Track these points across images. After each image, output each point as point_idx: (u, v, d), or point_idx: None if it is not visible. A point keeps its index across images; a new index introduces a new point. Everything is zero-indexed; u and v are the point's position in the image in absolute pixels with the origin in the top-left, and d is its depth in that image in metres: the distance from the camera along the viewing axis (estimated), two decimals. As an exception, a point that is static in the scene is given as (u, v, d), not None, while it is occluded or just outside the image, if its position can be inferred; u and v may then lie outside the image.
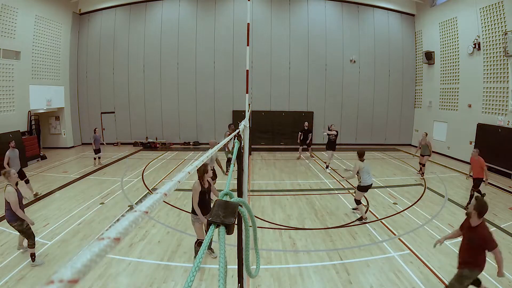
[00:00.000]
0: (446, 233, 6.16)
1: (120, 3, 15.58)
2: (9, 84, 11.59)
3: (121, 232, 0.43)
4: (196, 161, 0.98)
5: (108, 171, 10.88)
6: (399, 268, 4.90)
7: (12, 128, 11.37)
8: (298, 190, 8.95)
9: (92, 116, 16.13)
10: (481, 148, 11.76)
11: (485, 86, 11.82)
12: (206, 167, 4.71)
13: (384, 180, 10.08)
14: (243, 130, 2.13)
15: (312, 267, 4.94)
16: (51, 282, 0.32)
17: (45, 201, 7.85)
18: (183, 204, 7.51)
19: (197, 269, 0.77)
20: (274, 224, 6.51)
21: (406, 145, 16.91)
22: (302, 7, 15.87)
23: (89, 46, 15.82)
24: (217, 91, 16.03)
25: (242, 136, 2.05)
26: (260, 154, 14.22)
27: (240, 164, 1.91)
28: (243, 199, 1.21)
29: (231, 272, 4.33)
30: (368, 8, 16.05)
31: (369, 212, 7.24)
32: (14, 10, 11.58)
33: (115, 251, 5.12)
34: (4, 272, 4.63)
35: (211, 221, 0.97)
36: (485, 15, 11.55)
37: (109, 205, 7.53)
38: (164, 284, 4.43)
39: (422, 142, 10.39)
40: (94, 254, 0.37)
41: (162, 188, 0.63)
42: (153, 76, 15.98)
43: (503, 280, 4.54)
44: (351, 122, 16.68)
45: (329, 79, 16.21)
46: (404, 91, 16.73)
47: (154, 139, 16.17)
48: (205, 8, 15.68)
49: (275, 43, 15.86)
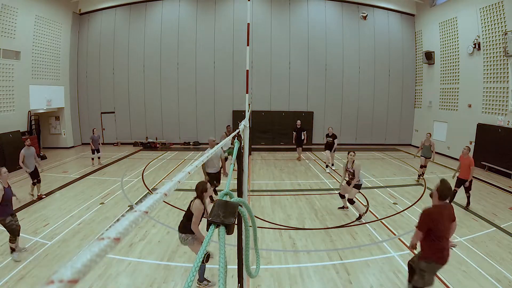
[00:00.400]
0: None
1: (120, 3, 15.58)
2: (9, 84, 11.60)
3: (121, 232, 0.43)
4: (196, 161, 0.98)
5: (108, 171, 10.88)
6: (399, 268, 4.90)
7: (12, 128, 11.37)
8: (298, 190, 8.95)
9: (92, 116, 16.14)
10: (481, 148, 11.94)
11: (485, 86, 11.82)
12: (205, 186, 4.26)
13: (384, 180, 10.08)
14: (243, 130, 2.13)
15: (312, 267, 4.93)
16: (51, 282, 0.32)
17: (45, 201, 7.85)
18: (183, 204, 7.50)
19: (197, 269, 0.77)
20: (274, 224, 6.51)
21: (406, 145, 16.91)
22: (302, 7, 15.87)
23: (89, 46, 15.82)
24: (217, 91, 16.03)
25: (242, 136, 2.05)
26: (260, 154, 14.22)
27: (240, 164, 1.92)
28: (243, 199, 1.21)
29: (231, 272, 4.32)
30: (368, 8, 16.04)
31: (369, 212, 7.24)
32: (14, 10, 11.58)
33: (115, 251, 5.11)
34: (4, 272, 4.63)
35: (211, 221, 0.98)
36: (485, 15, 11.55)
37: (109, 205, 7.53)
38: (164, 284, 4.43)
39: (425, 143, 9.73)
40: (94, 254, 0.37)
41: (162, 188, 0.63)
42: (153, 76, 15.98)
43: (503, 280, 4.55)
44: (351, 122, 16.68)
45: (329, 79, 16.22)
46: (404, 91, 16.73)
47: (154, 139, 16.17)
48: (205, 8, 15.68)
49: (275, 43, 15.86)
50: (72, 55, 15.40)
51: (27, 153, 7.68)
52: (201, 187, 4.22)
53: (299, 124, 12.60)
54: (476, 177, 10.60)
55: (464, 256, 5.22)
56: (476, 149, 12.19)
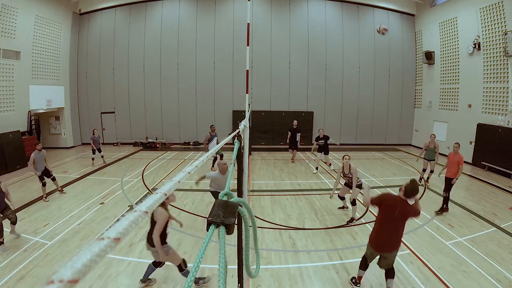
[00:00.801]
0: (446, 233, 6.17)
1: (120, 3, 15.58)
2: (9, 84, 11.60)
3: (121, 232, 0.43)
4: (196, 161, 0.98)
5: (108, 171, 10.88)
6: (399, 268, 4.89)
7: (12, 128, 11.37)
8: (298, 190, 8.95)
9: (92, 116, 16.14)
10: (481, 148, 11.94)
11: (485, 86, 11.82)
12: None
13: (384, 180, 10.08)
14: (243, 130, 2.13)
15: (312, 267, 4.93)
16: (51, 282, 0.32)
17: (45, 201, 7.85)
18: (183, 204, 7.51)
19: (197, 269, 0.77)
20: (274, 224, 6.51)
21: (406, 145, 16.91)
22: (302, 7, 15.87)
23: (89, 46, 15.82)
24: (217, 91, 16.03)
25: (242, 136, 2.05)
26: (260, 154, 14.22)
27: (240, 164, 1.92)
28: (243, 199, 1.21)
29: (231, 272, 4.32)
30: (368, 8, 16.05)
31: (369, 212, 7.25)
32: (14, 10, 11.58)
33: (115, 251, 5.11)
34: (4, 272, 4.63)
35: (211, 221, 0.98)
36: (485, 15, 11.55)
37: (109, 205, 7.53)
38: (164, 284, 4.43)
39: (430, 145, 9.04)
40: (94, 254, 0.37)
41: (162, 188, 0.63)
42: (153, 76, 15.98)
43: (503, 280, 4.55)
44: (351, 122, 16.68)
45: (329, 79, 16.22)
46: (404, 91, 16.73)
47: (154, 139, 16.17)
48: (205, 8, 15.68)
49: (275, 43, 15.86)
50: (72, 55, 15.40)
51: (37, 156, 7.65)
52: None
53: (295, 124, 12.29)
54: (476, 177, 10.60)
55: (464, 256, 5.22)
56: (476, 149, 12.20)
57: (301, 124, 13.41)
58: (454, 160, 6.95)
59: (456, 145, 7.13)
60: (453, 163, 6.97)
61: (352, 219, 6.64)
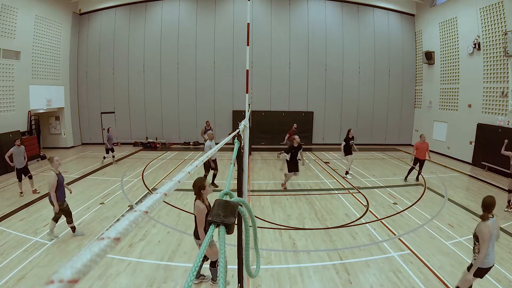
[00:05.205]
0: (446, 233, 6.17)
1: (120, 3, 15.57)
2: (9, 84, 11.59)
3: (121, 232, 0.43)
4: (196, 161, 0.98)
5: (108, 171, 10.89)
6: (399, 268, 4.90)
7: (12, 128, 11.37)
8: (298, 190, 8.95)
9: (92, 116, 16.14)
10: (481, 148, 11.93)
11: (485, 86, 11.81)
12: (203, 182, 3.86)
13: (384, 180, 10.08)
14: (243, 130, 2.13)
15: (312, 267, 4.93)
16: (51, 282, 0.32)
17: (45, 201, 7.81)
18: (183, 204, 7.51)
19: (197, 269, 0.77)
20: (274, 224, 6.51)
21: (406, 145, 16.91)
22: (302, 7, 15.87)
23: (89, 46, 15.82)
24: (217, 91, 16.03)
25: (242, 136, 2.05)
26: (260, 154, 14.22)
27: (240, 164, 1.92)
28: (243, 199, 1.21)
29: (231, 272, 4.33)
30: (368, 8, 16.05)
31: (369, 212, 7.25)
32: (14, 10, 11.57)
33: (115, 251, 5.11)
34: (4, 272, 4.63)
35: (211, 221, 0.97)
36: (485, 15, 11.55)
37: (109, 205, 7.53)
38: (164, 284, 4.43)
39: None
40: (94, 254, 0.37)
41: (162, 188, 0.63)
42: (153, 76, 15.98)
43: (503, 280, 4.55)
44: (351, 122, 16.66)
45: (329, 79, 16.21)
46: (404, 91, 16.73)
47: (154, 139, 16.17)
48: (205, 8, 15.68)
49: (275, 43, 15.86)
50: (72, 55, 15.39)
51: (16, 151, 8.27)
52: (199, 184, 3.82)
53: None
54: (476, 177, 10.62)
55: (464, 256, 5.22)
56: (476, 149, 12.21)
57: (301, 124, 13.40)
58: (423, 147, 9.31)
59: (423, 136, 9.45)
60: (422, 149, 9.33)
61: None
